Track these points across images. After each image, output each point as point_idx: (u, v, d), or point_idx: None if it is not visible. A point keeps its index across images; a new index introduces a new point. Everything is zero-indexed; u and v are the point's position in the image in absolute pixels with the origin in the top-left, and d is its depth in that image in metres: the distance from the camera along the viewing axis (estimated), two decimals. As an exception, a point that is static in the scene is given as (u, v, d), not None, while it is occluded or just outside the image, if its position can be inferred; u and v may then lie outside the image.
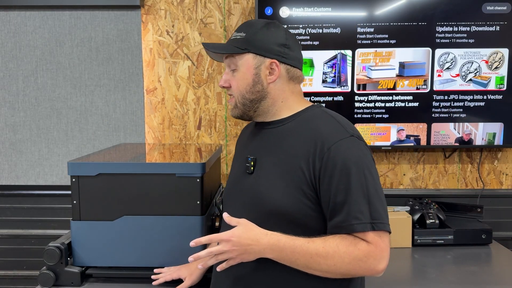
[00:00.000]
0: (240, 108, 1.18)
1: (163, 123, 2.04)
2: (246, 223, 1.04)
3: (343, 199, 1.00)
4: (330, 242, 1.00)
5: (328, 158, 1.02)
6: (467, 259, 1.66)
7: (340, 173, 1.01)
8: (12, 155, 2.03)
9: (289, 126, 1.15)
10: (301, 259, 1.01)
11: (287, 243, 1.01)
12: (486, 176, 2.07)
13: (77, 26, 1.98)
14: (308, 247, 1.00)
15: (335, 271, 1.01)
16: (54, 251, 1.35)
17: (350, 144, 1.04)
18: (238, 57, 1.15)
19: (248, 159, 1.15)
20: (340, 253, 0.99)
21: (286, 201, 1.05)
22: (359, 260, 0.99)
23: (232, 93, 1.18)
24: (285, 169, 1.08)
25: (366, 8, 1.88)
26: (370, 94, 1.92)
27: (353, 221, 0.99)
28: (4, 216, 2.04)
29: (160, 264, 1.40)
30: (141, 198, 1.37)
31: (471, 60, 1.91)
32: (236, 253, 1.02)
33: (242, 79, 1.15)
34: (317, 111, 1.15)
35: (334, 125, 1.09)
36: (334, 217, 1.02)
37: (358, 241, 1.00)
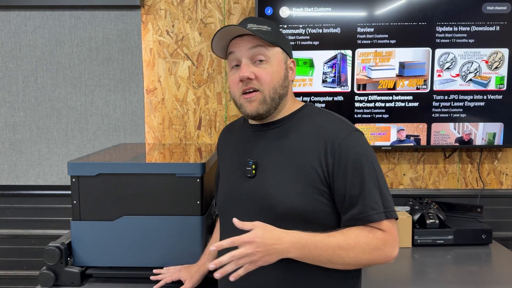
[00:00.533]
0: (269, 103, 1.11)
1: (163, 123, 2.04)
2: (263, 224, 0.99)
3: (358, 192, 1.03)
4: (349, 234, 1.02)
5: (340, 154, 1.04)
6: (467, 259, 1.66)
7: (353, 167, 1.04)
8: (12, 155, 2.03)
9: (288, 125, 1.14)
10: (323, 254, 1.00)
11: (309, 240, 1.00)
12: (486, 176, 2.07)
13: (77, 26, 1.98)
14: (330, 241, 1.00)
15: (356, 262, 1.03)
16: (54, 251, 1.35)
17: (357, 139, 1.08)
18: (270, 49, 1.10)
19: (249, 162, 1.11)
20: (360, 244, 1.01)
21: (301, 201, 1.05)
22: (378, 248, 1.02)
23: (257, 87, 1.09)
24: (296, 169, 1.07)
25: (366, 8, 1.88)
26: (370, 94, 1.92)
27: (370, 212, 1.02)
28: (4, 216, 2.04)
29: (160, 264, 1.40)
30: (141, 198, 1.37)
31: (471, 60, 1.91)
32: (260, 255, 0.96)
33: (276, 71, 1.11)
34: (314, 109, 1.17)
35: (338, 121, 1.12)
36: (350, 210, 1.04)
37: (375, 231, 1.03)
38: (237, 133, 1.27)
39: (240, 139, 1.23)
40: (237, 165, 1.16)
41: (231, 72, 1.15)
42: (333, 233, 1.02)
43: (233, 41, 1.13)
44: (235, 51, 1.12)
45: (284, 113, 1.16)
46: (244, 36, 1.11)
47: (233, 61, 1.13)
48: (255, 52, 1.10)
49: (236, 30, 1.09)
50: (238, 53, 1.11)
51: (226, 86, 2.03)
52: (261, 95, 1.10)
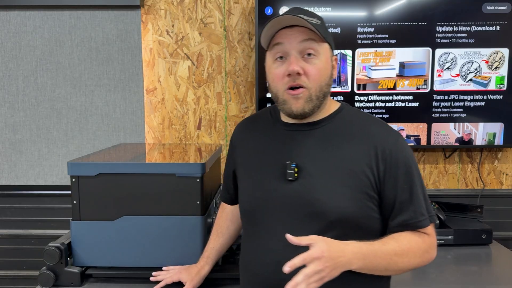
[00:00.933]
0: (315, 101, 1.05)
1: (163, 123, 2.04)
2: (322, 238, 0.94)
3: (408, 198, 1.04)
4: (402, 240, 1.03)
5: (391, 161, 1.03)
6: (467, 259, 1.66)
7: (404, 174, 1.04)
8: (12, 155, 2.03)
9: (330, 126, 1.09)
10: (382, 262, 1.00)
11: (368, 249, 0.98)
12: (486, 176, 2.07)
13: (77, 26, 1.98)
14: (387, 249, 1.00)
15: (408, 267, 1.04)
16: (54, 251, 1.35)
17: (403, 144, 1.08)
18: (321, 44, 1.04)
19: (292, 165, 1.04)
20: (412, 249, 1.03)
21: (353, 207, 1.02)
22: (426, 252, 1.05)
23: (304, 84, 1.03)
24: (345, 174, 1.03)
25: (366, 8, 1.88)
26: (370, 94, 1.92)
27: (419, 218, 1.04)
28: (4, 216, 2.04)
29: (160, 264, 1.40)
30: (141, 198, 1.37)
31: (471, 60, 1.91)
32: (328, 270, 0.91)
33: (324, 68, 1.05)
34: (353, 110, 1.14)
35: (382, 125, 1.10)
36: (399, 216, 1.04)
37: (423, 235, 1.05)
38: (265, 129, 1.17)
39: (272, 137, 1.14)
40: (270, 165, 1.09)
41: (275, 65, 1.06)
42: (386, 241, 1.02)
43: (281, 31, 1.04)
44: (284, 42, 1.04)
45: (324, 113, 1.11)
46: (294, 28, 1.03)
47: (279, 52, 1.05)
48: (306, 46, 1.03)
49: (291, 19, 1.01)
50: (288, 45, 1.03)
51: (226, 86, 2.03)
52: (307, 92, 1.04)
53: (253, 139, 1.19)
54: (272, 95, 1.11)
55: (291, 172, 1.05)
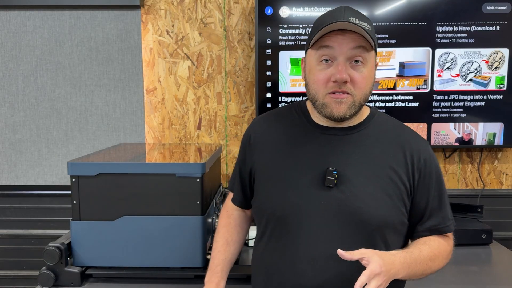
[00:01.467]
0: (356, 108, 1.04)
1: (163, 123, 2.04)
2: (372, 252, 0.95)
3: (438, 204, 1.10)
4: (433, 246, 1.08)
5: (425, 169, 1.08)
6: (467, 259, 1.66)
7: (435, 182, 1.09)
8: (12, 155, 2.03)
9: (366, 132, 1.09)
10: (421, 268, 1.04)
11: (410, 258, 1.02)
12: (486, 176, 2.07)
13: (77, 26, 1.98)
14: (424, 256, 1.04)
15: (435, 270, 1.09)
16: (54, 251, 1.35)
17: (432, 152, 1.12)
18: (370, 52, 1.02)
19: (334, 172, 1.02)
20: (442, 253, 1.09)
21: (392, 214, 1.05)
22: (450, 253, 1.12)
23: (349, 91, 1.01)
24: (385, 182, 1.04)
25: (366, 8, 1.88)
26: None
27: (447, 223, 1.11)
28: (4, 216, 2.04)
29: (160, 264, 1.40)
30: (141, 198, 1.37)
31: (471, 60, 1.91)
32: (385, 284, 0.94)
33: (370, 77, 1.05)
34: (383, 115, 1.17)
35: (413, 132, 1.15)
36: (428, 221, 1.09)
37: (447, 239, 1.12)
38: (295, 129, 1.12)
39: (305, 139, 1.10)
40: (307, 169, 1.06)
41: (319, 67, 1.03)
42: (421, 247, 1.06)
43: (333, 33, 1.00)
44: (335, 47, 1.00)
45: (360, 118, 1.10)
46: (347, 33, 1.00)
47: (325, 55, 1.02)
48: (356, 53, 1.00)
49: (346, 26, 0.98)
50: (338, 50, 1.00)
51: (226, 86, 2.03)
52: (352, 99, 1.02)
53: (280, 139, 1.13)
54: (309, 95, 1.08)
55: (332, 179, 1.02)
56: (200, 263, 1.39)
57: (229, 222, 1.25)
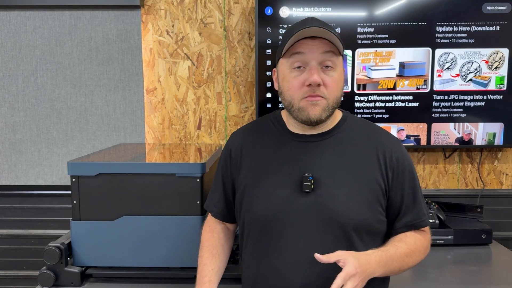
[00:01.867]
0: (330, 111, 1.08)
1: (163, 123, 2.04)
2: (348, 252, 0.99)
3: (413, 200, 1.13)
4: (409, 242, 1.11)
5: (397, 167, 1.11)
6: (467, 259, 1.66)
7: (408, 179, 1.13)
8: (12, 155, 2.03)
9: (339, 136, 1.13)
10: (397, 265, 1.07)
11: (386, 256, 1.05)
12: (486, 176, 2.07)
13: (77, 26, 1.98)
14: (400, 253, 1.07)
15: (413, 265, 1.12)
16: (54, 251, 1.35)
17: (404, 150, 1.16)
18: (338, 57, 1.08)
19: (309, 178, 1.06)
20: (418, 248, 1.12)
21: (368, 215, 1.08)
22: (427, 248, 1.16)
23: (323, 95, 1.06)
24: (360, 184, 1.08)
25: (366, 8, 1.88)
26: (370, 94, 1.92)
27: (423, 217, 1.14)
28: (4, 216, 2.04)
29: (160, 264, 1.40)
30: (141, 198, 1.37)
31: (471, 60, 1.91)
32: (361, 284, 0.98)
33: (340, 80, 1.09)
34: (356, 118, 1.21)
35: (385, 133, 1.19)
36: (404, 217, 1.13)
37: (424, 233, 1.15)
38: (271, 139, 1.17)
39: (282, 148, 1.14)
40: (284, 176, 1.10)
41: (293, 74, 1.08)
42: (397, 244, 1.09)
43: (303, 41, 1.06)
44: (306, 52, 1.05)
45: (333, 122, 1.15)
46: (316, 39, 1.05)
47: (298, 62, 1.07)
48: (326, 58, 1.05)
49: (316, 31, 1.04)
50: (309, 56, 1.05)
51: (226, 86, 2.03)
52: (325, 102, 1.07)
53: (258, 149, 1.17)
54: (285, 103, 1.12)
55: (308, 184, 1.06)
56: (200, 263, 1.39)
57: (213, 236, 1.25)
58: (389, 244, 1.10)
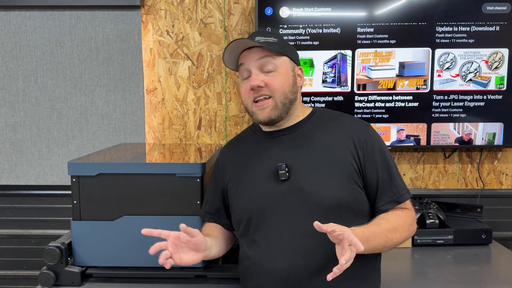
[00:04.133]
0: (281, 108, 1.18)
1: (163, 123, 2.04)
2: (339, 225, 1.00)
3: (388, 177, 1.18)
4: (390, 218, 1.15)
5: (367, 147, 1.17)
6: (467, 259, 1.66)
7: (379, 156, 1.18)
8: (12, 155, 2.03)
9: (308, 127, 1.22)
10: (380, 241, 1.11)
11: (368, 232, 1.08)
12: (486, 176, 2.07)
13: (77, 26, 1.98)
14: (382, 229, 1.12)
15: (400, 241, 1.16)
16: (54, 251, 1.35)
17: (373, 131, 1.24)
18: (278, 58, 1.19)
19: (283, 166, 1.15)
20: (401, 224, 1.16)
21: (344, 193, 1.14)
22: (410, 225, 1.19)
23: (268, 94, 1.17)
24: (332, 165, 1.15)
25: (366, 8, 1.88)
26: (370, 94, 1.92)
27: (402, 192, 1.19)
28: (4, 216, 2.04)
29: (160, 264, 1.39)
30: (141, 198, 1.37)
31: (471, 60, 1.91)
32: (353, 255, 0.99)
33: (284, 78, 1.19)
34: (325, 110, 1.30)
35: (353, 118, 1.28)
36: (383, 195, 1.17)
37: (405, 210, 1.19)
38: (250, 142, 1.29)
39: (257, 147, 1.25)
40: (262, 170, 1.19)
41: (243, 83, 1.22)
42: (378, 221, 1.13)
43: (243, 53, 1.21)
44: (245, 62, 1.20)
45: (298, 118, 1.24)
46: (252, 49, 1.19)
47: (244, 72, 1.21)
48: (264, 62, 1.18)
49: (245, 43, 1.18)
50: (248, 64, 1.19)
51: (226, 86, 2.03)
52: (272, 101, 1.17)
53: (241, 154, 1.29)
54: (245, 109, 1.25)
55: (283, 172, 1.15)
56: (200, 263, 1.39)
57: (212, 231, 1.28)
58: (371, 222, 1.14)
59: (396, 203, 1.18)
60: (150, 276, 1.40)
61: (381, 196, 1.18)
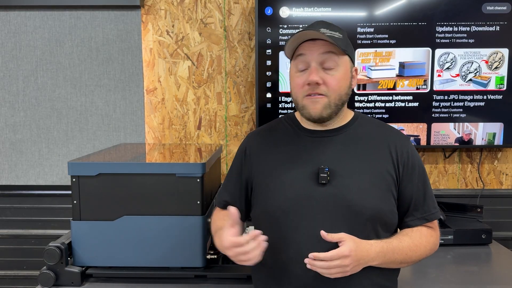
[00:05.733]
0: (333, 108, 1.14)
1: (163, 123, 2.04)
2: (351, 237, 1.04)
3: (423, 195, 1.17)
4: (414, 236, 1.14)
5: (408, 161, 1.16)
6: (467, 259, 1.66)
7: (418, 173, 1.17)
8: (12, 155, 2.03)
9: (351, 132, 1.19)
10: (399, 258, 1.11)
11: (388, 247, 1.09)
12: (486, 176, 2.07)
13: (77, 26, 1.98)
14: (403, 246, 1.11)
15: (420, 259, 1.16)
16: (54, 251, 1.35)
17: (413, 147, 1.21)
18: (340, 56, 1.13)
19: (325, 169, 1.11)
20: (424, 244, 1.15)
21: (382, 205, 1.12)
22: (434, 244, 1.18)
23: (324, 92, 1.12)
24: (373, 175, 1.13)
25: (366, 8, 1.88)
26: (370, 94, 1.92)
27: (433, 211, 1.18)
28: (4, 216, 2.04)
29: (160, 264, 1.40)
30: (141, 198, 1.37)
31: (471, 60, 1.91)
32: (352, 266, 1.03)
33: (343, 79, 1.14)
34: (367, 118, 1.26)
35: (395, 130, 1.24)
36: (415, 211, 1.16)
37: (431, 230, 1.18)
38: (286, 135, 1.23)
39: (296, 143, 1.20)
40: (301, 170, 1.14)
41: (297, 74, 1.15)
42: (401, 238, 1.13)
43: (304, 43, 1.14)
44: (306, 53, 1.13)
45: (344, 121, 1.21)
46: (316, 41, 1.12)
47: (301, 63, 1.14)
48: (326, 58, 1.12)
49: (313, 34, 1.11)
50: (309, 57, 1.12)
51: (226, 86, 2.03)
52: (326, 99, 1.13)
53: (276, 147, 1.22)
54: (293, 101, 1.20)
55: (324, 175, 1.11)
56: (200, 263, 1.39)
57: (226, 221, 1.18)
58: (394, 236, 1.14)
59: (425, 221, 1.17)
60: (150, 276, 1.40)
61: (412, 212, 1.16)
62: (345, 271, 1.03)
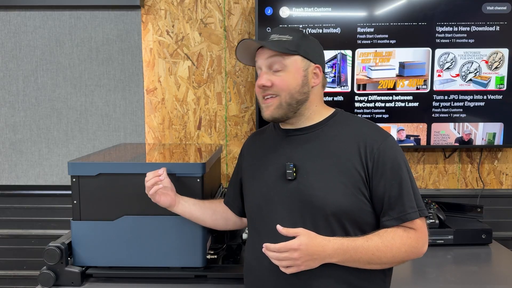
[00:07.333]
0: (285, 108, 1.18)
1: (163, 123, 2.04)
2: (307, 232, 1.07)
3: (397, 193, 1.12)
4: (386, 237, 1.10)
5: (378, 158, 1.13)
6: (467, 259, 1.66)
7: (391, 170, 1.12)
8: (12, 155, 2.03)
9: (325, 130, 1.20)
10: (364, 257, 1.09)
11: (349, 245, 1.08)
12: (486, 176, 2.07)
13: (77, 26, 1.98)
14: (369, 245, 1.09)
15: (393, 261, 1.13)
16: (54, 251, 1.35)
17: (392, 143, 1.16)
18: (287, 58, 1.17)
19: (290, 165, 1.16)
20: (396, 245, 1.10)
21: (347, 201, 1.11)
22: (412, 247, 1.12)
23: (274, 93, 1.18)
24: (340, 171, 1.13)
25: (366, 8, 1.88)
26: (370, 94, 1.92)
27: (409, 211, 1.12)
28: (4, 216, 2.04)
29: (160, 264, 1.40)
30: (141, 198, 1.37)
31: (471, 60, 1.91)
32: (303, 260, 1.05)
33: (292, 79, 1.17)
34: (347, 115, 1.25)
35: (373, 126, 1.21)
36: (389, 210, 1.12)
37: (409, 230, 1.13)
38: (269, 136, 1.30)
39: (273, 142, 1.26)
40: (273, 167, 1.21)
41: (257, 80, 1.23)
42: (370, 237, 1.10)
43: (258, 51, 1.22)
44: (257, 60, 1.21)
45: (317, 119, 1.22)
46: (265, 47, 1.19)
47: (257, 69, 1.22)
48: (272, 61, 1.17)
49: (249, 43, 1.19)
50: (259, 62, 1.20)
51: (226, 86, 2.03)
52: (278, 100, 1.17)
53: (258, 147, 1.32)
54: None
55: (290, 172, 1.16)
56: (200, 263, 1.39)
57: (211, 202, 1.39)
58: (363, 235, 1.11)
59: (401, 221, 1.12)
60: (150, 276, 1.40)
61: (387, 211, 1.13)
62: (297, 265, 1.05)
